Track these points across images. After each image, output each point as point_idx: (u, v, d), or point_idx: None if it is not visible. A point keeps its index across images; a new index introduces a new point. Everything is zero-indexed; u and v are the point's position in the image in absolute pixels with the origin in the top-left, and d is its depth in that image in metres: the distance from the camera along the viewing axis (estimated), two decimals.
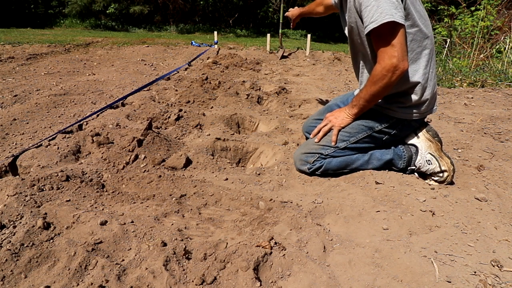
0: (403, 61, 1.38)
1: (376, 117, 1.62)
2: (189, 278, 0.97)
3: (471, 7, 5.60)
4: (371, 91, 1.49)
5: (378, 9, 1.33)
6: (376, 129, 1.62)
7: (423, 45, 1.51)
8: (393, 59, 1.37)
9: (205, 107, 2.79)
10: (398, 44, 1.36)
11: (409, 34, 1.46)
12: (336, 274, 1.02)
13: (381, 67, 1.40)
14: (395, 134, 1.65)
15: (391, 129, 1.63)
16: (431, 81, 1.56)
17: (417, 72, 1.53)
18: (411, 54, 1.50)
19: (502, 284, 0.98)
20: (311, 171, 1.66)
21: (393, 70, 1.38)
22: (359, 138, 1.63)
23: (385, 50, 1.38)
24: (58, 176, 1.41)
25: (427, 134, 1.66)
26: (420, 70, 1.52)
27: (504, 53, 4.82)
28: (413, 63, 1.52)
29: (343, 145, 1.64)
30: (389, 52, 1.37)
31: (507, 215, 1.34)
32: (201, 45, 8.22)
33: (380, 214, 1.31)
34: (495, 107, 2.93)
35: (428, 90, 1.56)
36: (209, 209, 1.37)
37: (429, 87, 1.56)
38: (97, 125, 2.13)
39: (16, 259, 0.97)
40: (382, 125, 1.62)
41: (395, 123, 1.61)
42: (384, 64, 1.39)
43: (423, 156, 1.62)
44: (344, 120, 1.65)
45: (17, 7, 14.53)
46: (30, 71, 4.27)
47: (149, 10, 15.07)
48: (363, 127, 1.63)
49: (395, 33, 1.35)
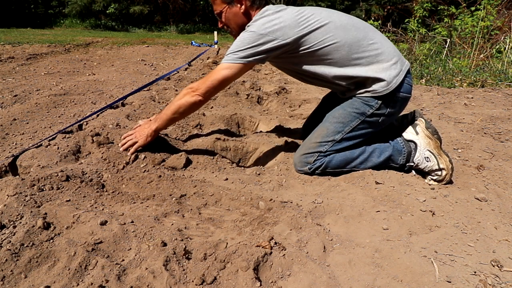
0: (204, 97, 1.60)
1: (364, 102, 1.60)
2: (189, 278, 0.97)
3: (471, 7, 5.60)
4: (170, 107, 1.65)
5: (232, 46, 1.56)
6: (368, 113, 1.60)
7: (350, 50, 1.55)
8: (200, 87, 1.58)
9: (205, 107, 2.79)
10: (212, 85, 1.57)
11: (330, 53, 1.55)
12: (336, 274, 1.02)
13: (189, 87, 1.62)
14: (389, 113, 1.62)
15: (382, 109, 1.60)
16: (379, 57, 1.57)
17: (361, 71, 1.57)
18: (347, 61, 1.57)
19: (502, 284, 0.98)
20: (312, 170, 1.66)
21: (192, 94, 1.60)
22: (353, 126, 1.62)
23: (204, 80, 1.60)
24: (58, 176, 1.41)
25: (426, 131, 1.65)
26: (363, 68, 1.56)
27: (504, 53, 4.82)
28: (355, 67, 1.57)
29: (339, 136, 1.63)
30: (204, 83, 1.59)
31: (507, 215, 1.34)
32: (201, 45, 8.22)
33: (380, 214, 1.31)
34: (495, 107, 2.93)
35: (381, 64, 1.56)
36: (209, 209, 1.37)
37: (380, 62, 1.57)
38: (97, 125, 2.13)
39: (16, 259, 0.97)
40: (372, 107, 1.60)
41: (384, 102, 1.59)
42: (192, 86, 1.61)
43: (422, 153, 1.61)
44: (146, 139, 1.68)
45: (17, 7, 14.53)
46: (30, 71, 4.27)
47: (149, 10, 15.08)
48: (355, 114, 1.61)
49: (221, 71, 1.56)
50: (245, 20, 1.62)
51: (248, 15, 1.63)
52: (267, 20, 1.51)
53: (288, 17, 1.52)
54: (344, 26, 1.55)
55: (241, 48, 1.52)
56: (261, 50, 1.51)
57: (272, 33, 1.50)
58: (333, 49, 1.54)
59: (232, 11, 1.63)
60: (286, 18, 1.51)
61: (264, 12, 1.57)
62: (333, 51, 1.54)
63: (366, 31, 1.59)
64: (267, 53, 1.53)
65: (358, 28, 1.57)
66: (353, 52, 1.55)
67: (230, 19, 1.65)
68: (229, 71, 1.55)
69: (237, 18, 1.64)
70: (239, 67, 1.54)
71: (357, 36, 1.55)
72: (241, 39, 1.53)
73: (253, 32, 1.50)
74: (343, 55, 1.55)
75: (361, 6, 16.30)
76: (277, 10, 1.56)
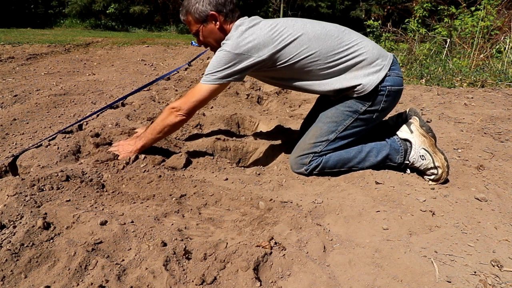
0: (187, 115, 1.64)
1: (357, 100, 1.60)
2: (189, 278, 0.97)
3: (471, 7, 5.60)
4: (155, 127, 1.67)
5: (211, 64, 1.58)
6: (361, 111, 1.60)
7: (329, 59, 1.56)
8: (183, 106, 1.62)
9: (205, 107, 2.79)
10: (195, 103, 1.62)
11: (307, 65, 1.57)
12: (336, 274, 1.02)
13: (172, 106, 1.65)
14: (383, 109, 1.62)
15: (375, 105, 1.60)
16: (355, 53, 1.57)
17: (345, 79, 1.58)
18: (326, 71, 1.58)
19: (502, 284, 0.98)
20: (309, 171, 1.66)
21: (176, 113, 1.63)
22: (346, 125, 1.62)
23: (187, 97, 1.63)
24: (58, 176, 1.41)
25: (420, 129, 1.65)
26: (347, 74, 1.58)
27: (504, 53, 4.82)
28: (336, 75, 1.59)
29: (333, 136, 1.63)
30: (187, 101, 1.63)
31: (507, 215, 1.34)
32: (201, 45, 8.21)
33: (380, 214, 1.31)
34: (495, 107, 2.93)
35: (363, 64, 1.57)
36: (209, 209, 1.37)
37: (361, 62, 1.57)
38: (97, 125, 2.13)
39: (16, 259, 0.97)
40: (365, 104, 1.59)
41: (375, 98, 1.58)
42: (175, 104, 1.64)
43: (417, 151, 1.61)
44: (128, 155, 1.69)
45: (17, 7, 14.54)
46: (30, 71, 4.27)
47: (149, 10, 15.08)
48: (348, 112, 1.61)
49: (201, 92, 1.60)
50: (222, 35, 1.64)
51: (224, 30, 1.65)
52: (241, 38, 1.53)
53: (261, 33, 1.53)
54: (317, 37, 1.55)
55: (218, 69, 1.55)
56: (237, 69, 1.54)
57: (246, 51, 1.52)
58: (309, 60, 1.55)
59: (208, 29, 1.65)
60: (259, 34, 1.53)
61: (238, 28, 1.57)
62: (310, 63, 1.56)
63: (340, 37, 1.58)
64: (243, 72, 1.57)
65: (331, 36, 1.57)
66: (330, 60, 1.56)
67: (207, 36, 1.67)
68: (208, 92, 1.59)
69: (214, 34, 1.66)
70: (217, 88, 1.59)
71: (331, 45, 1.55)
72: (218, 59, 1.55)
73: (227, 52, 1.53)
74: (320, 65, 1.56)
75: (361, 6, 16.29)
76: (250, 26, 1.57)
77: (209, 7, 1.60)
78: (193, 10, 1.61)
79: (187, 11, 1.64)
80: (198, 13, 1.61)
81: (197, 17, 1.62)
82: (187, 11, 1.64)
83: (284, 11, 14.66)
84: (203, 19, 1.62)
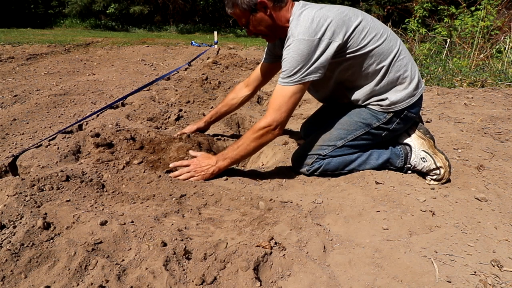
0: (281, 128, 1.51)
1: (373, 114, 1.60)
2: (189, 278, 0.97)
3: (471, 7, 5.60)
4: (249, 146, 1.53)
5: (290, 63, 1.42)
6: (374, 126, 1.61)
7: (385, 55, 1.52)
8: (275, 123, 1.48)
9: (205, 107, 2.79)
10: (286, 112, 1.48)
11: (367, 59, 1.50)
12: (336, 274, 1.02)
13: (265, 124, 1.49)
14: (394, 129, 1.63)
15: (389, 124, 1.61)
16: (404, 68, 1.55)
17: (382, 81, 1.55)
18: (378, 73, 1.53)
19: (502, 284, 0.98)
20: (310, 172, 1.66)
21: (272, 132, 1.50)
22: (356, 135, 1.62)
23: (274, 111, 1.47)
24: (58, 176, 1.41)
25: (418, 132, 1.66)
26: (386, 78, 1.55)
27: (504, 53, 4.81)
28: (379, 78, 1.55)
29: (341, 143, 1.63)
30: (277, 115, 1.47)
31: (507, 215, 1.34)
32: (201, 45, 8.22)
33: (380, 214, 1.31)
34: (495, 107, 2.93)
35: (407, 78, 1.55)
36: (209, 209, 1.37)
37: (405, 74, 1.55)
38: (97, 125, 2.13)
39: (16, 259, 0.97)
40: (380, 120, 1.60)
41: (392, 117, 1.59)
42: (267, 123, 1.49)
43: (417, 154, 1.62)
44: (208, 176, 1.56)
45: (17, 7, 14.54)
46: (30, 71, 4.27)
47: (149, 10, 15.08)
48: (361, 124, 1.61)
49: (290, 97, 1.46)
50: (275, 22, 1.54)
51: (274, 16, 1.53)
52: (314, 22, 1.40)
53: (334, 15, 1.43)
54: (382, 33, 1.50)
55: (300, 64, 1.41)
56: (321, 60, 1.41)
57: (324, 35, 1.40)
58: (371, 55, 1.49)
59: (258, 18, 1.52)
60: (333, 16, 1.42)
61: (302, 13, 1.45)
62: (369, 57, 1.50)
63: (398, 43, 1.56)
64: (325, 63, 1.43)
65: (392, 38, 1.54)
66: (384, 60, 1.51)
67: (258, 25, 1.55)
68: (297, 96, 1.46)
69: (266, 22, 1.53)
70: (302, 88, 1.46)
71: (391, 46, 1.52)
72: (296, 51, 1.40)
73: (305, 40, 1.38)
74: (374, 63, 1.51)
75: (361, 6, 16.28)
76: (317, 9, 1.45)
77: None
78: (239, 1, 1.48)
79: (234, 3, 1.50)
80: (246, 3, 1.48)
81: (245, 7, 1.49)
82: (234, 3, 1.50)
83: None
84: (251, 8, 1.49)
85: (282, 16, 1.53)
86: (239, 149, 1.55)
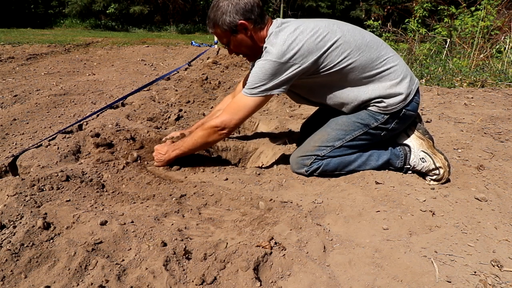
0: (230, 131, 1.59)
1: (371, 114, 1.60)
2: (189, 278, 0.97)
3: (471, 7, 5.60)
4: (197, 141, 1.61)
5: (254, 76, 1.51)
6: (372, 126, 1.60)
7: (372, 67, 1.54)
8: (228, 124, 1.55)
9: (205, 107, 2.80)
10: (240, 119, 1.56)
11: (345, 75, 1.53)
12: (336, 274, 1.02)
13: (216, 123, 1.56)
14: (392, 129, 1.63)
15: (387, 124, 1.61)
16: (393, 69, 1.56)
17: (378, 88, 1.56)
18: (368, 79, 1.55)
19: (502, 284, 0.98)
20: (309, 173, 1.66)
21: (220, 132, 1.57)
22: (355, 135, 1.62)
23: (230, 113, 1.56)
24: (58, 176, 1.41)
25: (417, 132, 1.66)
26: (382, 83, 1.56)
27: (504, 53, 4.82)
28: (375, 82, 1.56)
29: (339, 143, 1.63)
30: (231, 117, 1.55)
31: (507, 215, 1.34)
32: (201, 45, 8.22)
33: (380, 214, 1.31)
34: (495, 107, 2.93)
35: (397, 79, 1.56)
36: (209, 209, 1.37)
37: (395, 75, 1.56)
38: (97, 125, 2.13)
39: (16, 259, 0.97)
40: (378, 121, 1.60)
41: (390, 117, 1.59)
42: (219, 122, 1.55)
43: (416, 154, 1.62)
44: (160, 162, 1.68)
45: (17, 7, 14.54)
46: (30, 71, 4.27)
47: (149, 10, 15.08)
48: (359, 124, 1.61)
49: (246, 106, 1.53)
50: (255, 43, 1.57)
51: (255, 37, 1.56)
52: (285, 45, 1.44)
53: (305, 38, 1.46)
54: (358, 47, 1.52)
55: (263, 81, 1.48)
56: (284, 79, 1.48)
57: (293, 59, 1.45)
58: (349, 69, 1.51)
59: (238, 39, 1.55)
60: (304, 40, 1.46)
61: (278, 35, 1.48)
62: (349, 72, 1.52)
63: (379, 50, 1.57)
64: (289, 81, 1.50)
65: (371, 47, 1.55)
66: (367, 72, 1.53)
67: (239, 46, 1.59)
68: (253, 106, 1.54)
69: (246, 43, 1.57)
70: (263, 100, 1.54)
71: (371, 57, 1.53)
72: (262, 69, 1.47)
73: (273, 61, 1.45)
74: (356, 76, 1.54)
75: (361, 6, 16.29)
76: (291, 31, 1.48)
77: (237, 17, 1.49)
78: (220, 22, 1.51)
79: (215, 24, 1.54)
80: (227, 25, 1.50)
81: (226, 29, 1.52)
82: (215, 23, 1.53)
83: (284, 11, 14.65)
84: (232, 29, 1.52)
85: (261, 36, 1.56)
86: (188, 143, 1.64)
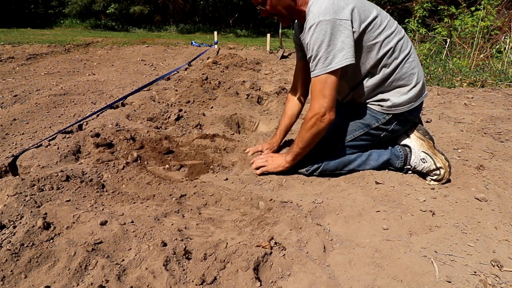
0: (331, 112, 1.44)
1: (372, 114, 1.60)
2: (189, 278, 0.97)
3: (471, 7, 5.60)
4: (303, 138, 1.52)
5: (325, 52, 1.36)
6: (373, 126, 1.60)
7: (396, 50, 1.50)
8: (322, 109, 1.42)
9: (205, 107, 2.79)
10: (329, 96, 1.41)
11: (381, 50, 1.46)
12: (336, 274, 1.02)
13: (312, 114, 1.45)
14: (393, 130, 1.63)
15: (388, 125, 1.61)
16: (412, 71, 1.54)
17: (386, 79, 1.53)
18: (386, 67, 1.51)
19: (502, 284, 0.98)
20: (309, 172, 1.66)
21: (321, 119, 1.44)
22: (355, 136, 1.62)
23: (317, 98, 1.43)
24: (58, 176, 1.41)
25: (417, 133, 1.66)
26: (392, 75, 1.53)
27: (504, 53, 4.81)
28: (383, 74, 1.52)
29: (340, 144, 1.63)
30: (320, 102, 1.42)
31: (507, 215, 1.34)
32: (201, 45, 8.21)
33: (380, 214, 1.31)
34: (495, 107, 2.93)
35: (412, 81, 1.54)
36: (209, 209, 1.37)
37: (412, 77, 1.54)
38: (97, 125, 2.13)
39: (16, 259, 0.97)
40: (379, 121, 1.60)
41: (392, 119, 1.59)
42: (314, 112, 1.44)
43: (417, 155, 1.62)
44: (278, 168, 1.64)
45: (17, 7, 14.54)
46: (30, 71, 4.27)
47: (149, 10, 15.07)
48: (360, 124, 1.61)
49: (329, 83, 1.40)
50: (292, 2, 1.48)
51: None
52: (335, 3, 1.35)
53: (354, 1, 1.39)
54: (400, 30, 1.49)
55: (327, 46, 1.35)
56: (348, 40, 1.36)
57: (347, 17, 1.35)
58: (384, 47, 1.47)
59: None
60: (354, 2, 1.39)
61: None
62: (383, 50, 1.47)
63: (410, 45, 1.55)
64: (352, 44, 1.37)
65: (408, 40, 1.52)
66: (398, 57, 1.49)
67: (276, 5, 1.48)
68: (332, 81, 1.40)
69: (285, 2, 1.47)
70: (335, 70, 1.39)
71: (405, 47, 1.50)
72: (319, 33, 1.34)
73: (327, 20, 1.33)
74: (387, 61, 1.49)
75: None
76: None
77: None
78: None
79: None
80: None
81: None
82: None
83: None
84: None
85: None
86: (298, 142, 1.56)
